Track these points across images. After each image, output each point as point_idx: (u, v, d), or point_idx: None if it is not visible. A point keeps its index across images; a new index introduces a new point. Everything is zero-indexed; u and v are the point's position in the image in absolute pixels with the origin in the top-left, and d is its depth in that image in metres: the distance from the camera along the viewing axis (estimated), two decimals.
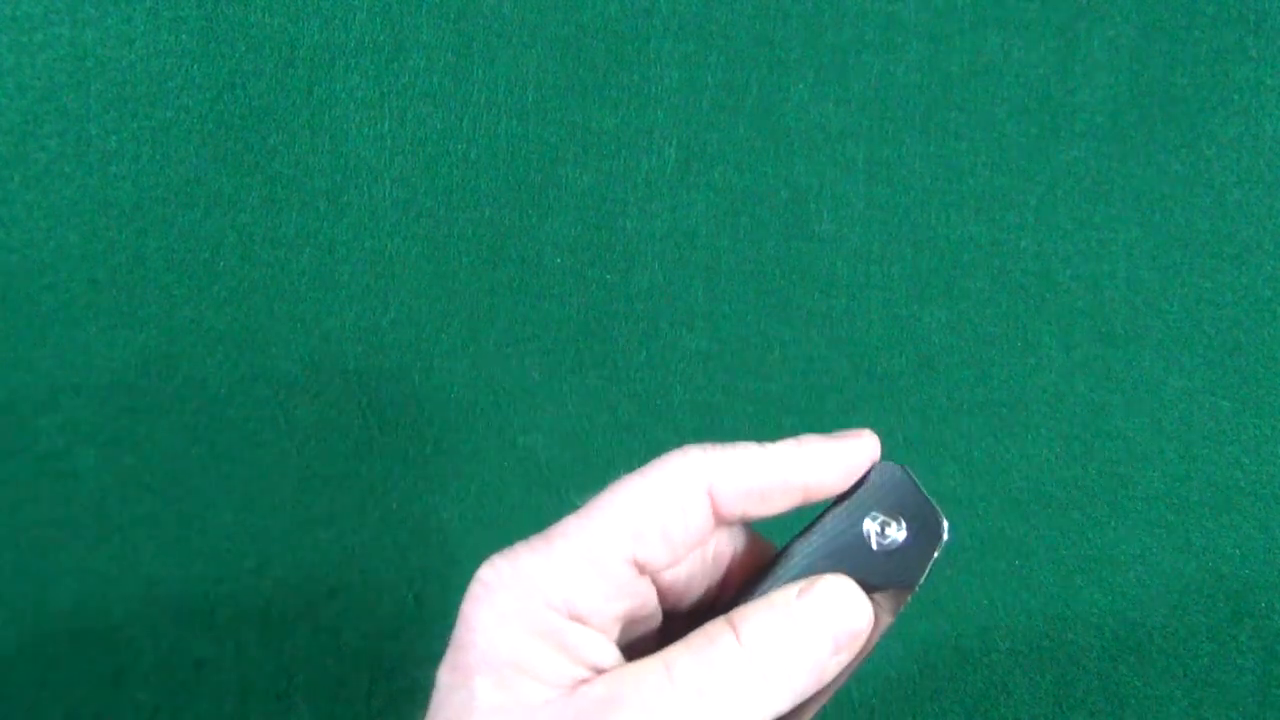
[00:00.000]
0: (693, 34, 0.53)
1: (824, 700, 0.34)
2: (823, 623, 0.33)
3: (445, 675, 0.33)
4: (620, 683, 0.32)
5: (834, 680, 0.34)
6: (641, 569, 0.34)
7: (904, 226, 0.53)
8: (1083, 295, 0.51)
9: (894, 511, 0.34)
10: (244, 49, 0.53)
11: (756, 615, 0.33)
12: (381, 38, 0.53)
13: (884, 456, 0.55)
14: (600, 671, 0.33)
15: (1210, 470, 0.51)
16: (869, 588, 0.34)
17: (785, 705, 0.32)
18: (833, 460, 0.35)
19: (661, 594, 0.37)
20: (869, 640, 0.34)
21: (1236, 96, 0.51)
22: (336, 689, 0.52)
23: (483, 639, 0.33)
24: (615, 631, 0.35)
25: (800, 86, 0.53)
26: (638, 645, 0.36)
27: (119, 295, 0.53)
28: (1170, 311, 0.51)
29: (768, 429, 0.51)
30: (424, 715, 0.34)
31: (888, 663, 0.51)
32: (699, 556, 0.37)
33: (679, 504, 0.34)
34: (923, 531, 0.33)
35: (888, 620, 0.34)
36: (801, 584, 0.34)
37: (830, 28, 0.52)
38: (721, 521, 0.35)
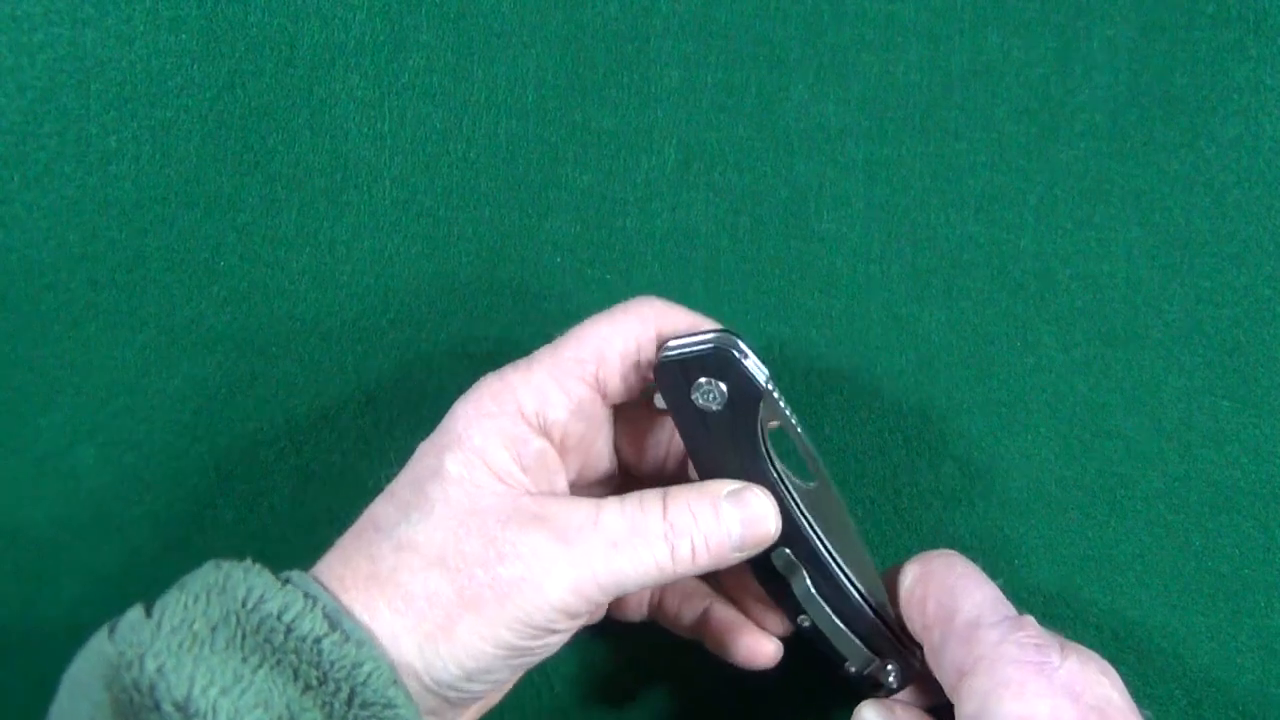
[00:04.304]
0: (693, 34, 0.53)
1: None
2: (739, 525, 0.39)
3: (423, 448, 0.39)
4: (556, 506, 0.37)
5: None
6: (602, 392, 0.40)
7: (904, 226, 0.53)
8: (1083, 295, 0.52)
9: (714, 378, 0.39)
10: (244, 49, 0.53)
11: (687, 499, 0.38)
12: (381, 38, 0.53)
13: (883, 456, 0.55)
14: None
15: (1210, 470, 0.51)
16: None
17: (683, 577, 0.38)
18: None
19: (621, 456, 0.43)
20: None
21: (1236, 96, 0.51)
22: None
23: (461, 426, 0.38)
24: (574, 467, 0.41)
25: (800, 86, 0.53)
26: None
27: (119, 295, 0.53)
28: (1170, 311, 0.51)
29: None
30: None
31: None
32: (659, 437, 0.43)
33: (632, 333, 0.40)
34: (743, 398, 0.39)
35: None
36: (734, 485, 0.39)
37: (830, 28, 0.52)
38: None
